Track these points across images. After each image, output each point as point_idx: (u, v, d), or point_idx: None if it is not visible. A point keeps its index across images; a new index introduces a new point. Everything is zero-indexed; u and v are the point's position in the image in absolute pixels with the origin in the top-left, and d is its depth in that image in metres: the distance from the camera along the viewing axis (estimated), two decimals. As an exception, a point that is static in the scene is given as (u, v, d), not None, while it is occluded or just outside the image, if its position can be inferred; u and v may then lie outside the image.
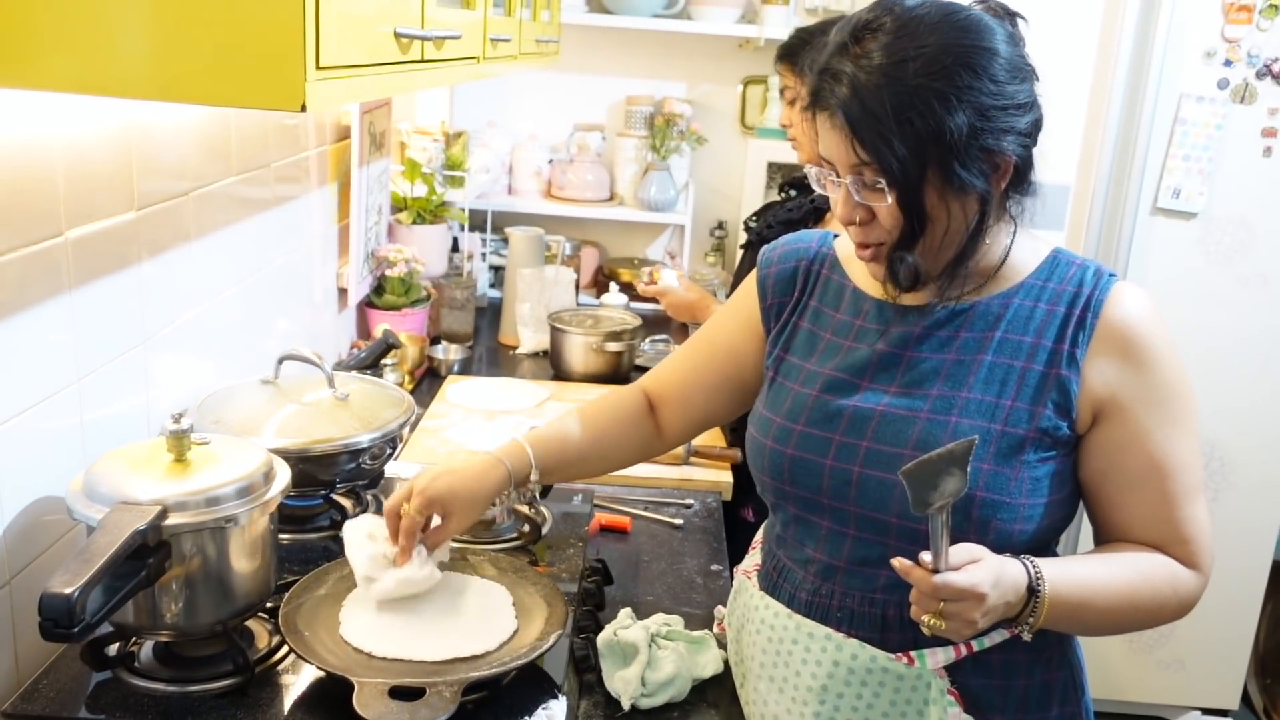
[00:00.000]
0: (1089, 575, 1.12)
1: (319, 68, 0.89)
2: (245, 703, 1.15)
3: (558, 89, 3.39)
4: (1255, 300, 2.65)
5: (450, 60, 1.41)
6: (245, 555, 1.19)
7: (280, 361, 1.60)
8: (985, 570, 1.03)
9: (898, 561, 1.03)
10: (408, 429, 1.68)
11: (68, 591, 0.97)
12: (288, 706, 1.16)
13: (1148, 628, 1.20)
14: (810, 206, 2.12)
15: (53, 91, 0.90)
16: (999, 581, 1.03)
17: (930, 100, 1.05)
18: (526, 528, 1.54)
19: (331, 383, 1.58)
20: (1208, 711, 2.95)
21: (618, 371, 2.51)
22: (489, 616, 1.28)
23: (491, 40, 1.71)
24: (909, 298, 1.20)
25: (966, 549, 1.04)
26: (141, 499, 1.11)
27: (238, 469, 1.18)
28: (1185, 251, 2.63)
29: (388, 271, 2.49)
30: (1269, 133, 2.56)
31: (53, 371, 1.24)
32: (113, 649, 1.20)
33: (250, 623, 1.29)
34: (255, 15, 0.86)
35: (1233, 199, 2.60)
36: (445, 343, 2.65)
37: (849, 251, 1.29)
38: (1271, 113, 2.55)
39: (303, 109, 0.88)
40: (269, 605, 1.27)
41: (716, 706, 1.34)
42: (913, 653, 1.16)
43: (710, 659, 1.38)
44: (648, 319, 2.79)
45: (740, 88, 3.39)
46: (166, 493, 1.12)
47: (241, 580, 1.19)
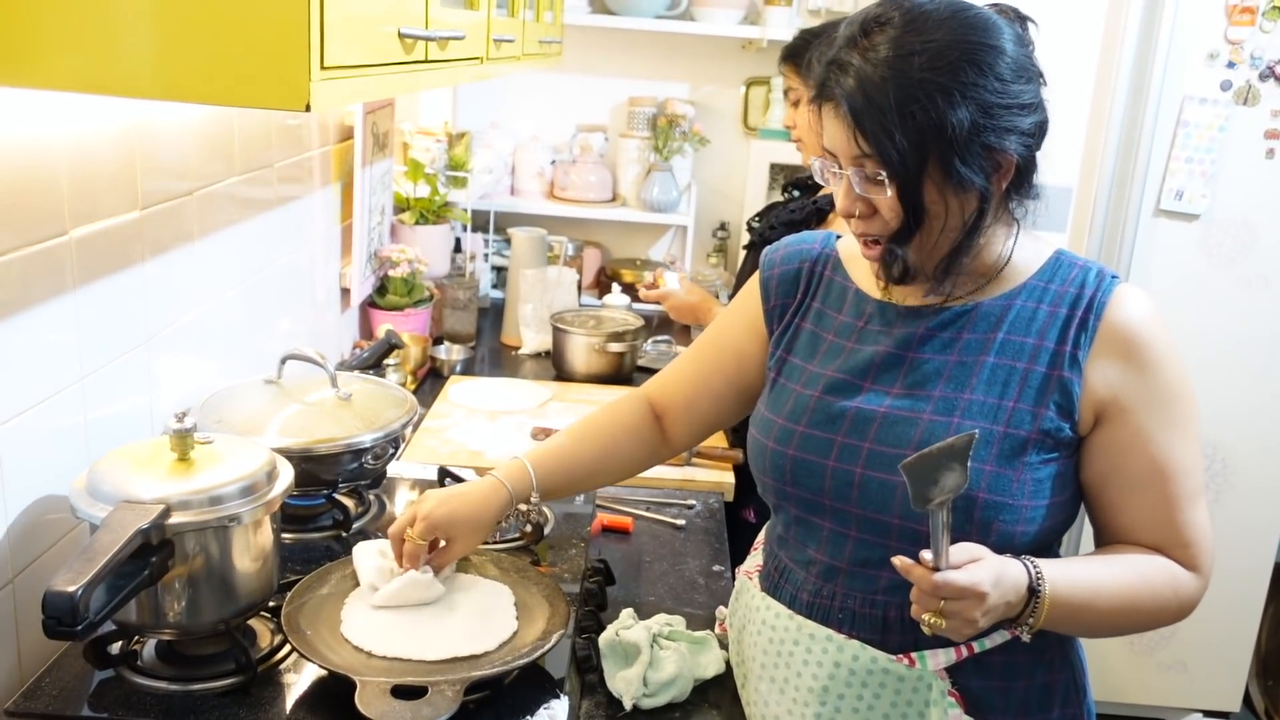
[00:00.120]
0: (1089, 576, 1.12)
1: (323, 68, 0.89)
2: (247, 701, 1.15)
3: (560, 90, 3.39)
4: (1257, 302, 2.65)
5: (454, 61, 1.41)
6: (248, 554, 1.19)
7: (283, 361, 1.61)
8: (986, 569, 1.03)
9: (898, 559, 1.03)
10: (410, 429, 1.68)
11: (71, 590, 0.97)
12: (290, 705, 1.16)
13: (1147, 630, 1.20)
14: (813, 208, 2.11)
15: (57, 91, 0.90)
16: (1000, 581, 1.03)
17: (934, 94, 1.05)
18: (529, 528, 1.54)
19: (334, 382, 1.58)
20: (1209, 714, 2.95)
21: (620, 372, 2.51)
22: (491, 616, 1.28)
23: (495, 41, 1.71)
24: (907, 297, 1.20)
25: (967, 548, 1.04)
26: (145, 498, 1.11)
27: (241, 468, 1.19)
28: (1187, 253, 2.64)
29: (390, 272, 2.49)
30: (1272, 135, 2.56)
31: (56, 370, 1.24)
32: (115, 647, 1.20)
33: (253, 622, 1.29)
34: (260, 15, 0.86)
35: (1235, 201, 2.60)
36: (448, 343, 2.65)
37: (852, 253, 1.29)
38: (1274, 115, 2.55)
39: (307, 109, 0.88)
40: (271, 604, 1.27)
41: (718, 707, 1.34)
42: (914, 654, 1.16)
43: (712, 659, 1.38)
44: (650, 320, 2.79)
45: (743, 89, 3.39)
46: (169, 492, 1.12)
47: (244, 579, 1.19)
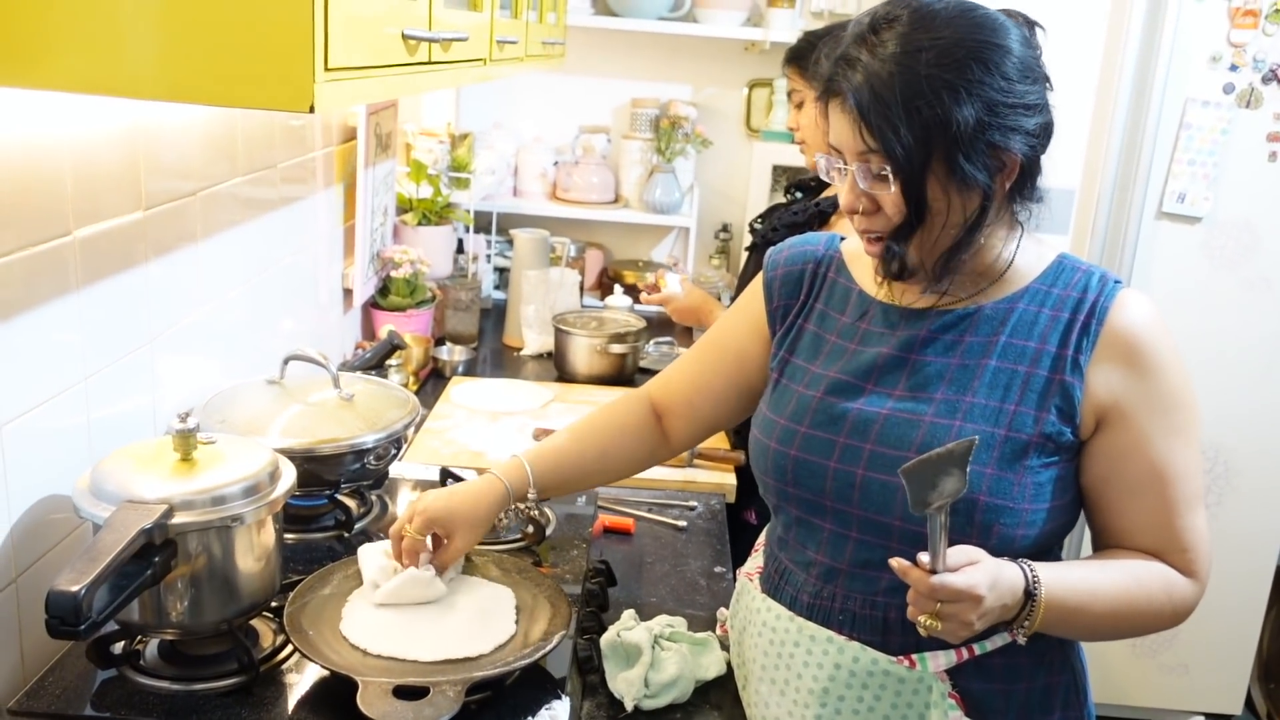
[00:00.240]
0: (1085, 581, 1.12)
1: (327, 69, 0.90)
2: (250, 701, 1.15)
3: (563, 91, 3.39)
4: (1259, 304, 2.65)
5: (457, 62, 1.41)
6: (250, 554, 1.19)
7: (286, 361, 1.61)
8: (983, 572, 1.03)
9: (895, 561, 1.03)
10: (412, 430, 1.68)
11: (74, 589, 0.98)
12: (292, 705, 1.16)
13: (1143, 634, 1.20)
14: (815, 210, 2.11)
15: (61, 91, 0.91)
16: (996, 584, 1.04)
17: (940, 91, 1.06)
18: (530, 529, 1.54)
19: (337, 383, 1.59)
20: (1211, 716, 2.94)
21: (622, 373, 2.51)
22: (493, 617, 1.28)
23: (498, 42, 1.71)
24: (910, 299, 1.21)
25: (964, 551, 1.04)
26: (148, 498, 1.11)
27: (243, 468, 1.19)
28: (1190, 256, 2.63)
29: (393, 272, 2.49)
30: (1274, 137, 2.56)
31: (60, 370, 1.25)
32: (118, 647, 1.20)
33: (255, 622, 1.30)
34: (264, 16, 0.86)
35: (1237, 203, 2.60)
36: (450, 344, 2.65)
37: (855, 254, 1.29)
38: (1277, 118, 2.55)
39: (311, 110, 0.88)
40: (274, 604, 1.27)
41: (719, 708, 1.34)
42: (914, 656, 1.16)
43: (713, 661, 1.38)
44: (652, 321, 2.79)
45: (745, 90, 3.39)
46: (172, 491, 1.12)
47: (247, 579, 1.20)
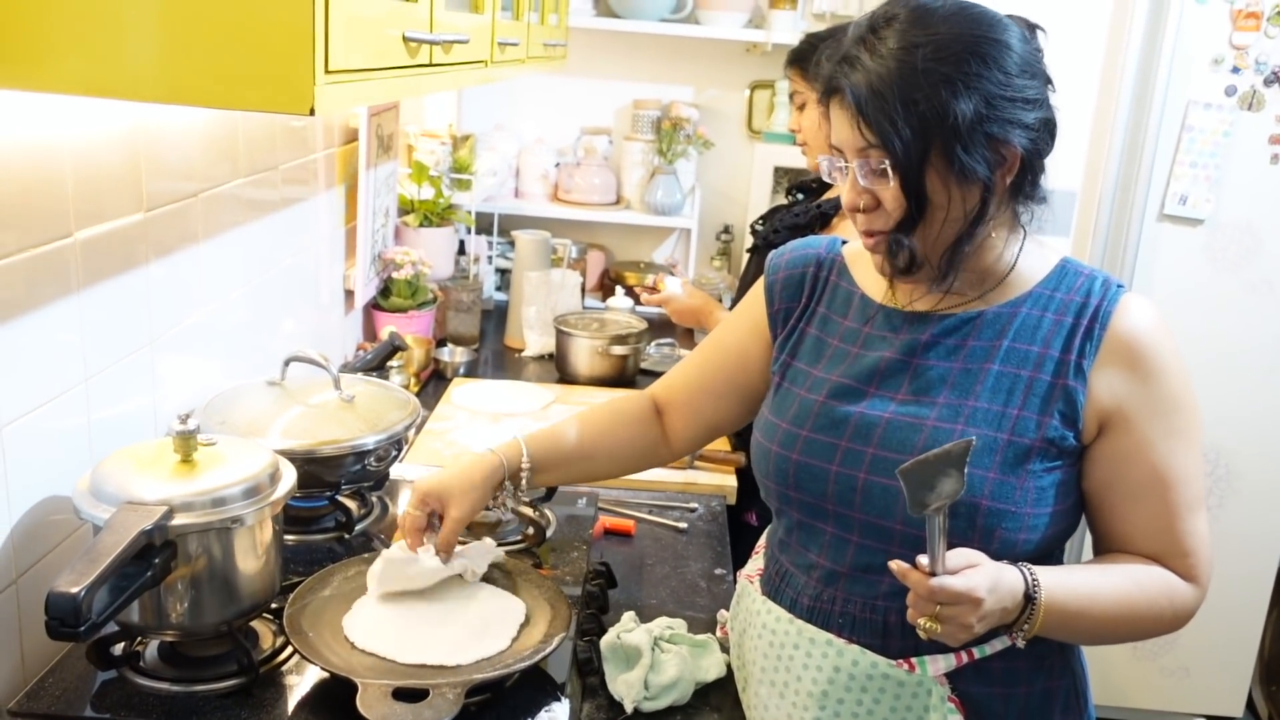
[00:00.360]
0: (1085, 585, 1.12)
1: (328, 71, 0.90)
2: (249, 703, 1.16)
3: (565, 92, 3.39)
4: (1262, 307, 2.65)
5: (458, 64, 1.41)
6: (251, 556, 1.19)
7: (286, 363, 1.61)
8: (982, 575, 1.03)
9: (895, 563, 1.03)
10: (413, 431, 1.68)
11: (74, 591, 0.98)
12: (292, 707, 1.16)
13: (1143, 639, 1.20)
14: (816, 211, 2.11)
15: (63, 93, 0.91)
16: (996, 587, 1.03)
17: (937, 84, 1.06)
18: (531, 530, 1.54)
19: (337, 384, 1.59)
20: (1212, 718, 2.94)
21: (623, 375, 2.51)
22: (493, 619, 1.28)
23: (499, 44, 1.71)
24: (913, 301, 1.20)
25: (964, 554, 1.04)
26: (148, 499, 1.11)
27: (244, 470, 1.19)
28: (1192, 258, 2.63)
29: (394, 274, 2.49)
30: (1276, 140, 2.55)
31: (60, 371, 1.25)
32: (118, 648, 1.20)
33: (255, 623, 1.30)
34: (265, 19, 0.86)
35: (1240, 206, 2.59)
36: (451, 345, 2.65)
37: (857, 258, 1.29)
38: (1279, 120, 2.55)
39: (312, 112, 0.88)
40: (274, 606, 1.27)
41: (719, 710, 1.34)
42: (914, 659, 1.16)
43: (713, 663, 1.38)
44: (653, 322, 2.79)
45: (747, 92, 3.39)
46: (173, 493, 1.13)
47: (247, 581, 1.20)
